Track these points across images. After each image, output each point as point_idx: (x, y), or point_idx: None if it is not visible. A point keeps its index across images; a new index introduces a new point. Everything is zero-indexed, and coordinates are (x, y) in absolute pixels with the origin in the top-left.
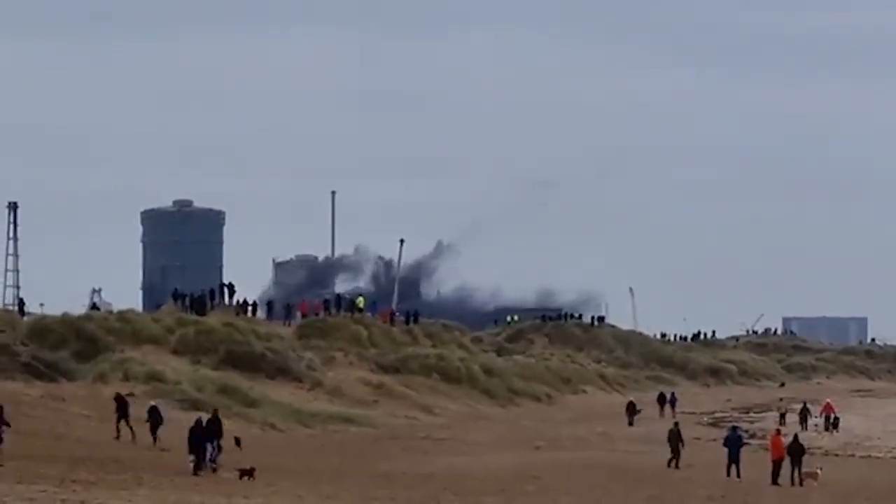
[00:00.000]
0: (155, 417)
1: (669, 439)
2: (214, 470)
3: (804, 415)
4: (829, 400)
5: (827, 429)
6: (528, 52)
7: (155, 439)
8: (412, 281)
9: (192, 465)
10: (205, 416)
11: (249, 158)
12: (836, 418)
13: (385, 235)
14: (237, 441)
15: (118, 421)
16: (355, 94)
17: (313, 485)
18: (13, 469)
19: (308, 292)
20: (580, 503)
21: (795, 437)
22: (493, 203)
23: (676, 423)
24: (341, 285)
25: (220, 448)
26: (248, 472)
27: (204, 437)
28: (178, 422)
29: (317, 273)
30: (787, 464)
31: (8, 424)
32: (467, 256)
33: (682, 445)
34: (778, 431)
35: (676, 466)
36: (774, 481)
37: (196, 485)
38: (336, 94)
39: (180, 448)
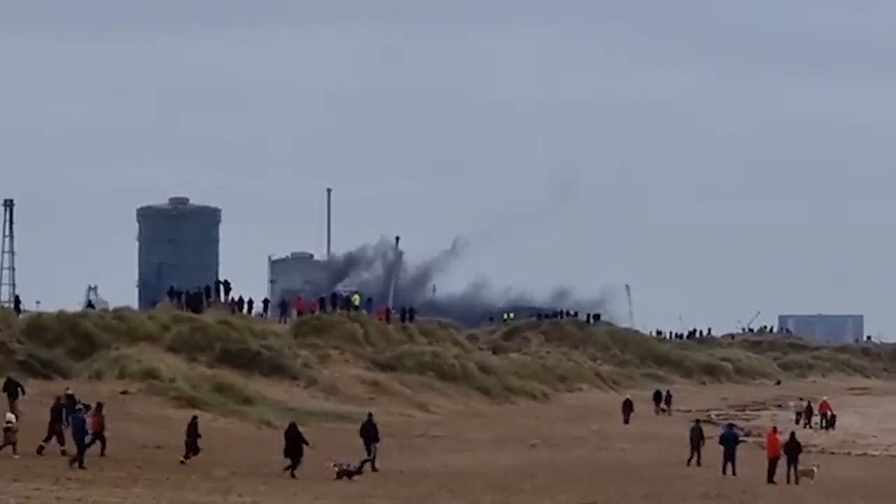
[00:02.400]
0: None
1: (691, 437)
2: (375, 468)
3: (809, 412)
4: (825, 398)
5: (825, 427)
6: (547, 52)
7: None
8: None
9: (287, 468)
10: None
11: (247, 156)
12: (833, 416)
13: (404, 234)
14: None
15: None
16: (374, 94)
17: (308, 482)
18: (13, 467)
19: (333, 287)
20: (576, 501)
21: (792, 435)
22: (512, 202)
23: (698, 421)
24: (358, 279)
25: (375, 452)
26: (348, 473)
27: (299, 441)
28: (173, 420)
29: (338, 267)
30: (783, 462)
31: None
32: (485, 255)
33: (703, 443)
34: (774, 429)
35: (698, 464)
36: (770, 479)
37: (203, 483)
38: (354, 94)
39: (176, 446)
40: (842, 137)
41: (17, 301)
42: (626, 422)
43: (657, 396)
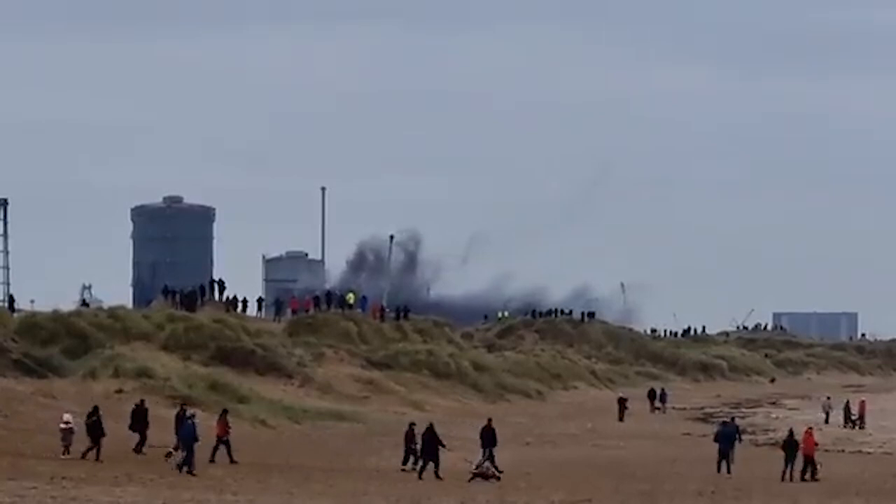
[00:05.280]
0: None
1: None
2: (496, 476)
3: (848, 411)
4: (863, 398)
5: (855, 425)
6: (551, 52)
7: None
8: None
9: (417, 470)
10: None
11: (241, 155)
12: (861, 417)
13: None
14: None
15: None
16: (379, 93)
17: (304, 481)
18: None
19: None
20: (571, 499)
21: (790, 432)
22: (525, 201)
23: (732, 419)
24: (378, 276)
25: (493, 455)
26: (484, 475)
27: (435, 442)
28: (167, 419)
29: (366, 258)
30: (781, 460)
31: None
32: (500, 255)
33: (740, 441)
34: (809, 429)
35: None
36: (802, 477)
37: (194, 481)
38: (357, 92)
39: (172, 444)
40: (838, 137)
41: (11, 300)
42: (621, 419)
43: (652, 394)
